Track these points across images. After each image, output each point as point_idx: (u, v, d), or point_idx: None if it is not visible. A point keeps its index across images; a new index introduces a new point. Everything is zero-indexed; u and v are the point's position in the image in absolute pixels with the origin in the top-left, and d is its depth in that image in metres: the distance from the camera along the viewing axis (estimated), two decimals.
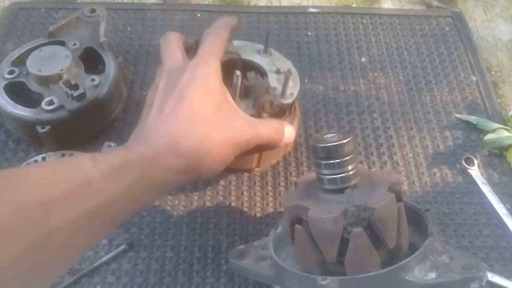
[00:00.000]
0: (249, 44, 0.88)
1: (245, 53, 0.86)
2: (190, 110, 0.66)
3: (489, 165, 1.08)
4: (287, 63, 0.87)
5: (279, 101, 0.80)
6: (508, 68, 1.30)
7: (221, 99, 0.69)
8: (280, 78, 0.82)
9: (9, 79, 1.01)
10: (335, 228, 0.68)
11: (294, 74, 0.85)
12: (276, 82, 0.82)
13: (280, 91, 0.81)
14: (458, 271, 0.68)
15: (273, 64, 0.85)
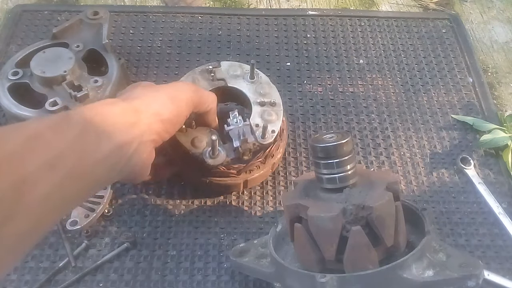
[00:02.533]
0: (237, 66, 0.94)
1: (231, 79, 0.92)
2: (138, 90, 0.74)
3: (485, 165, 1.10)
4: (273, 89, 0.92)
5: (260, 143, 0.85)
6: (504, 69, 1.32)
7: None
8: (264, 111, 0.88)
9: (13, 81, 1.02)
10: (334, 227, 0.69)
11: (278, 105, 0.89)
12: (259, 118, 0.87)
13: (261, 129, 0.85)
14: (455, 269, 0.69)
15: (258, 93, 0.90)
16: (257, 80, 0.92)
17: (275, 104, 0.89)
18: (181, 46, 1.27)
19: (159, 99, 0.72)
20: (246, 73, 0.92)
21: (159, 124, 0.70)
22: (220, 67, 0.92)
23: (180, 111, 0.75)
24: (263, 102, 0.88)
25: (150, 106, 0.70)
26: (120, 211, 0.97)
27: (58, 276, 0.88)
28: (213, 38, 1.29)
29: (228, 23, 1.34)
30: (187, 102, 0.76)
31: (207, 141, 0.85)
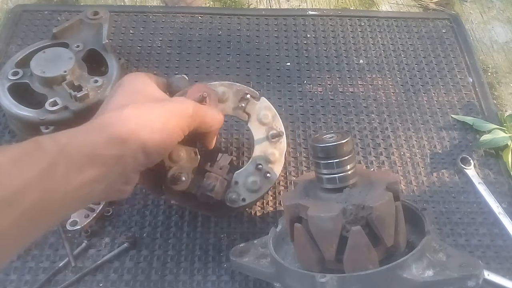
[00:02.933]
0: (271, 112, 0.85)
1: (255, 122, 0.85)
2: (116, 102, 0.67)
3: (485, 165, 1.10)
4: (281, 158, 0.86)
5: (228, 204, 0.81)
6: (504, 69, 1.32)
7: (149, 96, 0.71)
8: (254, 174, 0.83)
9: (13, 81, 1.02)
10: (334, 227, 0.70)
11: (271, 179, 0.85)
12: (244, 177, 0.83)
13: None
14: (455, 269, 0.69)
15: (264, 155, 0.84)
16: (276, 143, 0.85)
17: (269, 178, 0.84)
18: (181, 46, 1.27)
19: (150, 125, 0.63)
20: (273, 128, 0.85)
21: (144, 156, 0.63)
22: (257, 101, 0.84)
23: (170, 141, 0.67)
24: (260, 168, 0.83)
25: (139, 136, 0.61)
26: (120, 211, 0.97)
27: (58, 276, 0.88)
28: (213, 38, 1.29)
29: (228, 23, 1.34)
30: (182, 129, 0.68)
31: (184, 158, 0.78)
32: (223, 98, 0.81)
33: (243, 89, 0.82)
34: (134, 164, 0.62)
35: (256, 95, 0.83)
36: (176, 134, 0.67)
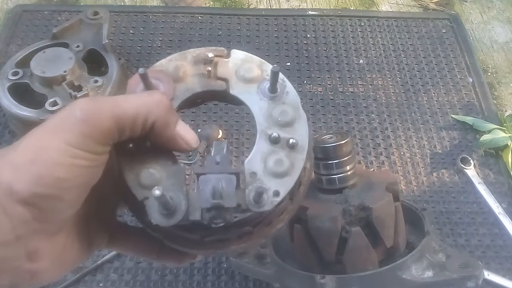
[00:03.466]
0: (254, 64, 0.52)
1: (238, 84, 0.51)
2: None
3: (485, 165, 1.10)
4: (299, 120, 0.51)
5: (249, 208, 0.46)
6: (504, 69, 1.32)
7: None
8: (272, 153, 0.48)
9: (13, 81, 1.02)
10: (334, 227, 0.69)
11: (299, 149, 0.49)
12: (260, 162, 0.48)
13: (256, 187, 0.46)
14: (455, 270, 0.69)
15: (273, 120, 0.50)
16: (280, 96, 0.52)
17: (296, 146, 0.49)
18: (181, 46, 1.27)
19: (14, 159, 0.39)
20: (266, 79, 0.51)
21: (19, 207, 0.38)
22: (228, 59, 0.52)
23: (61, 171, 0.39)
24: (276, 138, 0.49)
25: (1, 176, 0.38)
26: (120, 211, 0.97)
27: None
28: (213, 38, 1.29)
29: (228, 23, 1.34)
30: (77, 144, 0.40)
31: (162, 176, 0.47)
32: (179, 75, 0.51)
33: (201, 52, 0.53)
34: (13, 223, 0.38)
35: (223, 52, 0.53)
36: (69, 157, 0.39)
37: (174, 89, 0.49)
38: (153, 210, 0.44)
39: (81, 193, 0.41)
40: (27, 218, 0.38)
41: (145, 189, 0.45)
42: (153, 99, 0.44)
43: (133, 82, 0.49)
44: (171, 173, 0.47)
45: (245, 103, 0.50)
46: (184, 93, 0.49)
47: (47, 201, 0.39)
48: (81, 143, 0.39)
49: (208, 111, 1.11)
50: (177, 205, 0.44)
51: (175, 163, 0.47)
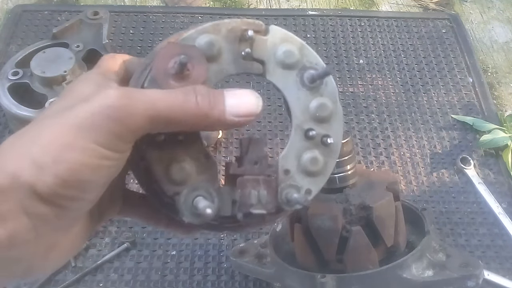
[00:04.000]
0: (295, 47, 0.46)
1: (276, 69, 0.46)
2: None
3: (485, 165, 1.10)
4: (336, 116, 0.47)
5: (281, 207, 0.45)
6: (504, 69, 1.32)
7: None
8: (307, 150, 0.46)
9: (13, 81, 1.02)
10: (334, 227, 0.69)
11: (333, 147, 0.47)
12: (294, 159, 0.46)
13: (289, 185, 0.45)
14: (455, 269, 0.69)
15: (310, 114, 0.46)
16: (319, 86, 0.47)
17: (330, 145, 0.47)
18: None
19: (35, 158, 0.35)
20: (307, 67, 0.46)
21: (41, 207, 0.36)
22: (266, 37, 0.46)
23: (84, 174, 0.36)
24: (312, 134, 0.46)
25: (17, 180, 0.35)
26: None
27: (58, 276, 0.88)
28: None
29: None
30: (104, 144, 0.36)
31: (192, 171, 0.43)
32: (213, 52, 0.44)
33: (238, 24, 0.45)
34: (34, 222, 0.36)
35: (261, 27, 0.46)
36: (96, 158, 0.36)
37: (207, 70, 0.43)
38: (185, 208, 0.42)
39: (101, 190, 0.39)
40: (48, 217, 0.36)
41: (176, 184, 0.43)
42: (191, 104, 0.39)
43: (162, 57, 0.42)
44: (203, 167, 0.44)
45: (281, 91, 0.46)
46: (217, 75, 0.44)
47: (69, 202, 0.37)
48: (110, 143, 0.36)
49: None
50: (209, 204, 0.42)
51: (207, 156, 0.44)
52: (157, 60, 0.41)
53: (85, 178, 0.36)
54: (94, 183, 0.37)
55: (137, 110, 0.37)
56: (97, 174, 0.37)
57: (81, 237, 0.43)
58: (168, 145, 0.42)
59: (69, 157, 0.35)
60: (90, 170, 0.36)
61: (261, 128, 1.11)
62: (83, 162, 0.36)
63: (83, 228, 0.43)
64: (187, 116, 0.38)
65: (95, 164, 0.36)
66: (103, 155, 0.36)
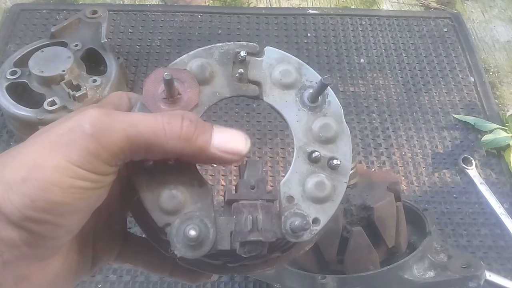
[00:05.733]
0: (292, 67, 0.44)
1: (273, 90, 0.44)
2: None
3: (487, 165, 1.09)
4: (343, 135, 0.43)
5: (285, 238, 0.40)
6: (506, 69, 1.31)
7: None
8: (313, 174, 0.42)
9: (12, 80, 1.01)
10: (335, 227, 0.69)
11: (342, 170, 0.42)
12: (298, 185, 0.42)
13: (295, 216, 0.40)
14: (456, 270, 0.69)
15: (314, 135, 0.43)
16: (321, 106, 0.44)
17: (338, 167, 0.42)
18: (180, 45, 1.26)
19: (6, 177, 0.33)
20: (306, 86, 0.44)
21: (8, 230, 0.33)
22: (261, 58, 0.44)
23: (57, 193, 0.33)
24: (316, 157, 0.42)
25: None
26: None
27: None
28: (212, 37, 1.29)
29: (228, 22, 1.33)
30: (78, 162, 0.34)
31: (186, 199, 0.39)
32: (205, 75, 0.43)
33: (230, 48, 0.44)
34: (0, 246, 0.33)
35: (255, 50, 0.45)
36: (68, 176, 0.33)
37: (199, 93, 0.41)
38: (177, 240, 0.37)
39: (80, 218, 0.35)
40: (16, 243, 0.33)
41: (167, 214, 0.39)
42: (175, 127, 0.36)
43: (152, 80, 0.41)
44: (197, 195, 0.40)
45: (280, 113, 0.43)
46: (210, 98, 0.42)
47: (40, 226, 0.33)
48: (85, 161, 0.33)
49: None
50: (205, 235, 0.38)
51: (201, 182, 0.40)
52: (146, 85, 0.40)
53: (56, 199, 0.33)
54: (68, 207, 0.34)
55: (115, 129, 0.34)
56: (71, 196, 0.33)
57: (65, 276, 0.38)
58: (158, 170, 0.39)
59: (38, 176, 0.33)
60: (62, 190, 0.33)
61: (261, 128, 1.11)
62: (53, 180, 0.33)
63: (68, 266, 0.39)
64: (168, 140, 0.35)
65: (67, 184, 0.33)
66: (78, 174, 0.33)
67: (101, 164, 0.34)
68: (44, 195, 0.32)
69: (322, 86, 0.41)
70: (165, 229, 0.38)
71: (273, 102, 0.43)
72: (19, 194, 0.32)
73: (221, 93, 0.42)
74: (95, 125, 0.34)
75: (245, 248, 0.39)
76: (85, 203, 0.35)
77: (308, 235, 0.39)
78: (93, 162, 0.34)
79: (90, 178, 0.34)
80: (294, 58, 0.45)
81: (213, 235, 0.38)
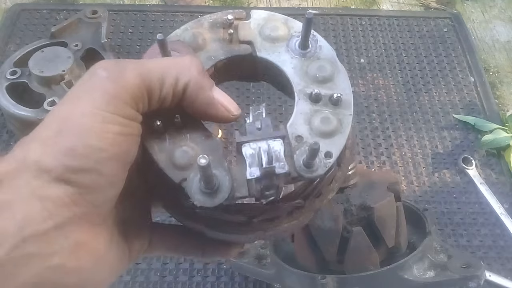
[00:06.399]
0: (279, 22, 0.47)
1: (265, 44, 0.46)
2: None
3: (487, 165, 1.09)
4: (339, 73, 0.45)
5: (300, 174, 0.40)
6: (506, 69, 1.31)
7: None
8: (316, 113, 0.43)
9: (12, 80, 1.01)
10: (335, 227, 0.69)
11: (345, 103, 0.46)
12: (305, 124, 0.42)
13: (307, 149, 0.40)
14: (457, 270, 0.68)
15: (310, 77, 0.45)
16: (313, 51, 0.46)
17: (340, 101, 0.45)
18: None
19: (44, 128, 0.35)
20: (295, 36, 0.46)
21: (53, 187, 0.33)
22: (249, 21, 0.47)
23: (87, 143, 0.34)
24: (317, 95, 0.44)
25: (28, 154, 0.33)
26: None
27: None
28: None
29: None
30: (105, 106, 0.35)
31: (197, 153, 0.40)
32: (198, 42, 0.46)
33: (218, 16, 0.47)
34: (48, 208, 0.32)
35: (242, 14, 0.48)
36: (99, 121, 0.34)
37: (196, 58, 0.42)
38: (194, 190, 0.38)
39: (119, 167, 0.36)
40: (64, 201, 0.33)
41: (182, 169, 0.40)
42: (183, 59, 0.39)
43: (148, 55, 0.43)
44: (207, 149, 0.41)
45: (276, 64, 0.45)
46: (207, 62, 0.44)
47: (84, 176, 0.34)
48: (108, 103, 0.34)
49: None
50: (221, 182, 0.38)
51: (209, 137, 0.42)
52: (144, 58, 0.41)
53: (93, 143, 0.34)
54: (105, 152, 0.34)
55: (126, 69, 0.36)
56: (105, 140, 0.34)
57: (110, 262, 0.38)
58: (166, 129, 0.41)
59: (71, 125, 0.34)
60: (97, 135, 0.34)
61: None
62: (86, 126, 0.34)
63: (114, 244, 0.39)
64: (180, 69, 0.38)
65: (100, 128, 0.34)
66: (106, 118, 0.34)
67: (123, 105, 0.35)
68: (81, 140, 0.33)
69: (308, 22, 0.43)
70: (182, 184, 0.39)
71: (266, 55, 0.45)
72: (57, 146, 0.33)
73: (215, 56, 0.45)
74: (109, 69, 0.36)
75: (261, 185, 0.39)
76: (119, 149, 0.35)
77: (322, 168, 0.40)
78: (116, 103, 0.35)
79: (118, 120, 0.35)
80: (279, 15, 0.47)
81: (230, 182, 0.38)
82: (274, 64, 0.45)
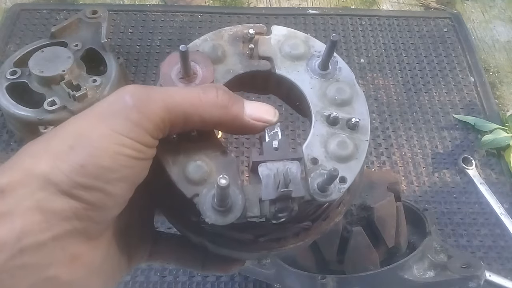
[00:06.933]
0: (299, 40, 0.46)
1: (284, 62, 0.45)
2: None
3: (487, 165, 1.09)
4: (358, 97, 0.44)
5: (314, 198, 0.39)
6: (506, 69, 1.31)
7: None
8: (333, 136, 0.42)
9: (12, 80, 1.01)
10: (335, 227, 0.69)
11: (362, 129, 0.43)
12: (320, 147, 0.41)
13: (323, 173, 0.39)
14: (456, 270, 0.69)
15: (329, 99, 0.44)
16: (333, 73, 0.45)
17: (358, 126, 0.43)
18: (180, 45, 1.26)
19: (54, 146, 0.34)
20: (315, 56, 0.45)
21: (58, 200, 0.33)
22: (269, 36, 0.46)
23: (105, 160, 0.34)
24: (335, 118, 0.43)
25: (37, 166, 0.33)
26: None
27: None
28: None
29: (228, 22, 1.33)
30: (124, 132, 0.35)
31: (211, 169, 0.40)
32: (218, 55, 0.45)
33: (238, 29, 0.47)
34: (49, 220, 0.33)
35: (263, 29, 0.47)
36: (114, 144, 0.34)
37: (213, 71, 0.43)
38: (206, 207, 0.37)
39: (127, 189, 0.36)
40: (67, 214, 0.33)
41: (194, 184, 0.39)
42: (208, 96, 0.38)
43: (167, 64, 0.42)
44: (222, 165, 0.40)
45: (294, 83, 0.44)
46: (225, 75, 0.43)
47: (91, 194, 0.33)
48: (129, 131, 0.35)
49: None
50: (234, 201, 0.38)
51: (224, 153, 0.41)
52: (162, 68, 0.41)
53: (104, 164, 0.33)
54: (116, 173, 0.34)
55: (154, 100, 0.36)
56: (118, 163, 0.34)
57: (106, 271, 0.39)
58: (181, 143, 0.40)
59: (86, 143, 0.34)
60: (109, 156, 0.34)
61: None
62: (100, 146, 0.34)
63: (110, 261, 0.39)
64: (206, 108, 0.37)
65: (114, 150, 0.34)
66: (123, 142, 0.34)
67: (144, 133, 0.35)
68: (92, 160, 0.33)
69: (332, 44, 0.42)
70: (194, 200, 0.38)
71: (285, 73, 0.44)
72: (68, 161, 0.33)
73: (234, 70, 0.44)
74: (136, 97, 0.35)
75: (275, 207, 0.38)
76: (130, 172, 0.35)
77: (336, 193, 0.39)
78: (137, 131, 0.35)
79: (135, 146, 0.35)
80: (300, 33, 0.46)
81: (242, 201, 0.38)
82: (293, 83, 0.44)
